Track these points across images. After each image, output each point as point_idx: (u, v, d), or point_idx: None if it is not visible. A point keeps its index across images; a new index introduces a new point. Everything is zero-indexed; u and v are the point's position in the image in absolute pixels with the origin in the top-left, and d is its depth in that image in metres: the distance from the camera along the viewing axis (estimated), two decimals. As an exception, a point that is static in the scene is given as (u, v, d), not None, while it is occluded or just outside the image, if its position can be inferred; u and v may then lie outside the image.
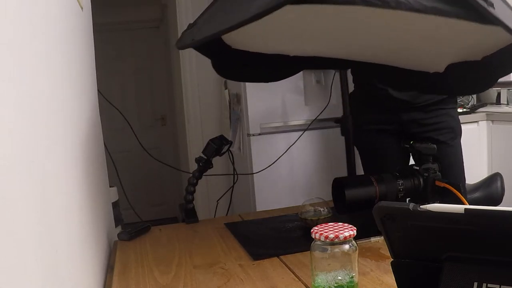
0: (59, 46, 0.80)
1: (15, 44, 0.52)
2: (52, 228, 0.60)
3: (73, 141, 0.85)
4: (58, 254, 0.61)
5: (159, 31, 4.33)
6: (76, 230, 0.77)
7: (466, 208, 0.50)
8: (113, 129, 3.43)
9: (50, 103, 0.67)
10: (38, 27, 0.64)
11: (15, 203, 0.46)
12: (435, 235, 0.56)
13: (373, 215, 0.60)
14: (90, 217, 0.96)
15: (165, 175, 4.23)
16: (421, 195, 1.15)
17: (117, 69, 4.27)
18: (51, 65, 0.71)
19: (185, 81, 2.98)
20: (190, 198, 1.38)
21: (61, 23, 0.85)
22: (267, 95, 2.38)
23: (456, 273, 0.54)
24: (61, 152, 0.72)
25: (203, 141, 2.62)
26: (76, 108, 0.94)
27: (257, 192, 2.38)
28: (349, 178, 1.10)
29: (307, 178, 2.42)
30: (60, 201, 0.67)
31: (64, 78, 0.82)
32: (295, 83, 2.41)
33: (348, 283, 0.70)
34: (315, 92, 2.48)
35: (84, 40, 1.20)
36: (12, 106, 0.48)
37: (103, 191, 1.30)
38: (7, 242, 0.42)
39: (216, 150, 1.39)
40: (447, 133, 1.63)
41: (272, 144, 2.39)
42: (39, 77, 0.62)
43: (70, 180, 0.77)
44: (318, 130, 2.46)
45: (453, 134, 1.64)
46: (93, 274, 0.90)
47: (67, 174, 0.75)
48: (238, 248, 1.10)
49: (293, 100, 2.42)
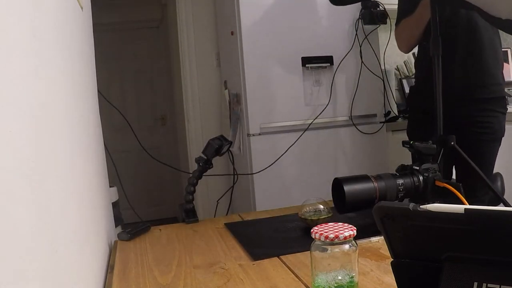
0: (59, 46, 0.80)
1: (15, 44, 0.52)
2: (52, 228, 0.60)
3: (73, 141, 0.85)
4: (58, 254, 0.61)
5: (159, 31, 4.33)
6: (76, 230, 0.77)
7: (466, 208, 0.50)
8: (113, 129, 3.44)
9: (50, 103, 0.67)
10: (38, 27, 0.64)
11: (15, 203, 0.46)
12: (435, 235, 0.56)
13: (373, 215, 0.60)
14: (90, 217, 0.96)
15: (165, 175, 4.23)
16: (421, 195, 1.15)
17: (117, 69, 4.27)
18: (51, 65, 0.71)
19: (185, 81, 2.98)
20: (190, 198, 1.38)
21: (61, 23, 0.85)
22: (267, 95, 2.38)
23: (456, 273, 0.54)
24: (61, 152, 0.72)
25: (203, 141, 2.62)
26: (76, 108, 0.94)
27: (257, 192, 2.38)
28: (349, 178, 1.10)
29: (307, 178, 2.42)
30: (60, 201, 0.67)
31: (64, 78, 0.82)
32: (295, 83, 2.42)
33: (348, 283, 0.70)
34: (315, 92, 2.48)
35: (84, 40, 1.20)
36: (12, 106, 0.48)
37: (103, 191, 1.30)
38: (6, 242, 0.42)
39: (216, 150, 1.39)
40: (489, 134, 1.72)
41: (272, 144, 2.39)
42: (39, 77, 0.62)
43: (70, 180, 0.77)
44: (318, 130, 2.46)
45: (494, 136, 1.73)
46: (93, 274, 0.90)
47: (67, 174, 0.75)
48: (238, 248, 1.10)
49: (293, 100, 2.42)
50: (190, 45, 2.95)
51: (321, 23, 2.46)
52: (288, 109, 2.41)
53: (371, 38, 2.55)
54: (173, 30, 3.25)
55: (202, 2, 2.95)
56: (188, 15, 2.93)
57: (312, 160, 2.45)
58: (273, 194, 2.35)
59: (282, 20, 2.39)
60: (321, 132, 2.47)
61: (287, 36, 2.40)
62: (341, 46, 2.49)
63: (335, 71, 2.48)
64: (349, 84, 2.52)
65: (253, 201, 2.39)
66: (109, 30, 3.96)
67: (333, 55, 2.47)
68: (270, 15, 2.38)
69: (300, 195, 1.39)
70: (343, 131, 2.52)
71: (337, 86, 2.50)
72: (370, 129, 2.57)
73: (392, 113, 2.82)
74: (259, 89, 2.37)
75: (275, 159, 2.35)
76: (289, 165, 2.41)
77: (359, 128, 2.53)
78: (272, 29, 2.38)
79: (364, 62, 2.54)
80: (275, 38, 2.38)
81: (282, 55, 2.40)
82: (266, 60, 2.38)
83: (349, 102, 2.52)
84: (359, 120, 2.54)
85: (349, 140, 2.53)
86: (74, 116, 0.90)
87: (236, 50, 2.42)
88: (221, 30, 2.82)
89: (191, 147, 3.00)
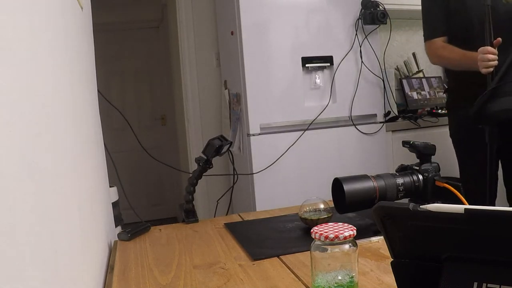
0: (58, 46, 0.80)
1: (15, 44, 0.52)
2: (52, 228, 0.60)
3: (73, 141, 0.85)
4: (57, 254, 0.61)
5: (159, 31, 4.33)
6: (75, 230, 0.77)
7: (466, 208, 0.50)
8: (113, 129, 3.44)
9: (50, 103, 0.67)
10: (38, 27, 0.64)
11: (14, 203, 0.46)
12: (435, 235, 0.56)
13: (373, 215, 0.60)
14: (90, 217, 0.96)
15: (165, 175, 4.24)
16: (421, 195, 1.15)
17: (117, 69, 4.27)
18: (50, 65, 0.71)
19: (185, 81, 2.98)
20: (190, 198, 1.38)
21: (61, 23, 0.85)
22: (267, 95, 2.38)
23: (456, 273, 0.54)
24: (61, 152, 0.72)
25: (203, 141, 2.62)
26: (76, 108, 0.94)
27: (257, 192, 2.38)
28: (349, 178, 1.10)
29: (307, 178, 2.42)
30: (60, 201, 0.67)
31: (64, 78, 0.82)
32: (295, 83, 2.42)
33: (348, 283, 0.70)
34: (315, 92, 2.48)
35: (84, 40, 1.20)
36: (11, 106, 0.48)
37: (103, 191, 1.30)
38: (6, 242, 0.42)
39: (216, 150, 1.38)
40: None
41: (272, 144, 2.39)
42: (39, 77, 0.62)
43: (70, 180, 0.77)
44: (318, 130, 2.46)
45: None
46: (93, 274, 0.90)
47: (67, 174, 0.75)
48: (238, 248, 1.10)
49: (293, 100, 2.42)
50: (190, 45, 2.95)
51: (321, 23, 2.46)
52: (288, 109, 2.41)
53: (371, 38, 2.55)
54: (173, 30, 3.25)
55: (202, 2, 2.95)
56: (188, 15, 2.93)
57: (312, 160, 2.45)
58: (273, 194, 2.35)
59: (282, 20, 2.39)
60: (321, 132, 2.47)
61: (287, 36, 2.40)
62: (341, 46, 2.49)
63: (335, 71, 2.48)
64: (349, 84, 2.52)
65: (253, 201, 2.39)
66: (109, 30, 3.96)
67: (333, 55, 2.47)
68: (270, 15, 2.38)
69: (300, 195, 1.39)
70: (343, 131, 2.52)
71: (337, 86, 2.50)
72: (370, 129, 2.57)
73: (392, 113, 2.82)
74: (259, 89, 2.37)
75: (275, 159, 2.36)
76: (289, 165, 2.41)
77: (359, 128, 2.53)
78: (272, 29, 2.38)
79: (364, 62, 2.54)
80: (275, 38, 2.38)
81: (282, 55, 2.40)
82: (266, 60, 2.38)
83: (349, 102, 2.52)
84: (359, 120, 2.54)
85: (349, 140, 2.53)
86: (74, 116, 0.90)
87: (236, 50, 2.42)
88: (221, 30, 2.82)
89: (191, 147, 3.00)
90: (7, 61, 0.48)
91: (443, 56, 2.03)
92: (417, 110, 3.00)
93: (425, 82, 3.17)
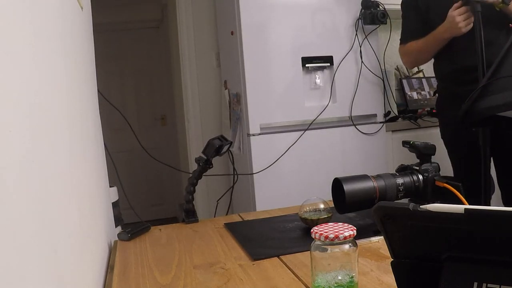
0: (59, 46, 0.80)
1: (15, 44, 0.52)
2: (52, 228, 0.60)
3: (73, 141, 0.85)
4: (57, 254, 0.61)
5: (159, 31, 4.33)
6: (75, 230, 0.77)
7: (466, 208, 0.50)
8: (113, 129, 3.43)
9: (50, 103, 0.67)
10: (38, 27, 0.64)
11: (14, 203, 0.46)
12: (435, 235, 0.56)
13: (373, 215, 0.59)
14: (90, 217, 0.96)
15: (165, 175, 4.24)
16: (421, 195, 1.15)
17: (117, 69, 4.27)
18: (50, 65, 0.71)
19: (185, 81, 2.98)
20: (190, 198, 1.38)
21: (61, 23, 0.85)
22: (267, 95, 2.38)
23: (456, 273, 0.54)
24: (61, 152, 0.72)
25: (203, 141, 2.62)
26: (76, 108, 0.94)
27: (257, 192, 2.38)
28: (349, 178, 1.10)
29: (307, 178, 2.42)
30: (60, 201, 0.67)
31: (64, 78, 0.82)
32: (295, 83, 2.42)
33: (348, 283, 0.70)
34: (315, 92, 2.48)
35: (84, 40, 1.20)
36: (12, 106, 0.48)
37: (103, 191, 1.30)
38: (6, 242, 0.42)
39: (216, 150, 1.38)
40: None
41: (272, 144, 2.39)
42: (39, 77, 0.62)
43: (69, 180, 0.77)
44: (318, 130, 2.46)
45: None
46: (93, 274, 0.90)
47: (67, 174, 0.75)
48: (238, 248, 1.10)
49: (293, 100, 2.42)
50: (190, 45, 2.95)
51: (321, 23, 2.46)
52: (288, 109, 2.41)
53: (371, 38, 2.55)
54: (173, 30, 3.25)
55: (202, 2, 2.95)
56: (188, 15, 2.93)
57: (312, 160, 2.45)
58: (273, 194, 2.35)
59: (282, 20, 2.39)
60: (321, 132, 2.47)
61: (287, 36, 2.40)
62: (341, 46, 2.49)
63: (335, 71, 2.48)
64: (349, 84, 2.52)
65: (253, 201, 2.39)
66: (109, 30, 3.97)
67: (333, 55, 2.47)
68: (270, 15, 2.38)
69: (300, 195, 1.39)
70: (343, 131, 2.52)
71: (337, 86, 2.50)
72: (370, 129, 2.57)
73: (392, 113, 2.82)
74: (259, 89, 2.37)
75: (275, 159, 2.36)
76: (289, 165, 2.41)
77: (359, 128, 2.53)
78: (272, 29, 2.38)
79: (364, 62, 2.54)
80: (275, 38, 2.38)
81: (282, 55, 2.40)
82: (266, 60, 2.38)
83: (349, 102, 2.52)
84: (359, 120, 2.54)
85: (349, 140, 2.53)
86: (74, 116, 0.90)
87: (236, 50, 2.42)
88: (221, 30, 2.82)
89: (191, 147, 3.00)
90: (7, 61, 0.48)
91: (410, 50, 2.00)
92: (417, 110, 3.00)
93: (425, 82, 3.17)
